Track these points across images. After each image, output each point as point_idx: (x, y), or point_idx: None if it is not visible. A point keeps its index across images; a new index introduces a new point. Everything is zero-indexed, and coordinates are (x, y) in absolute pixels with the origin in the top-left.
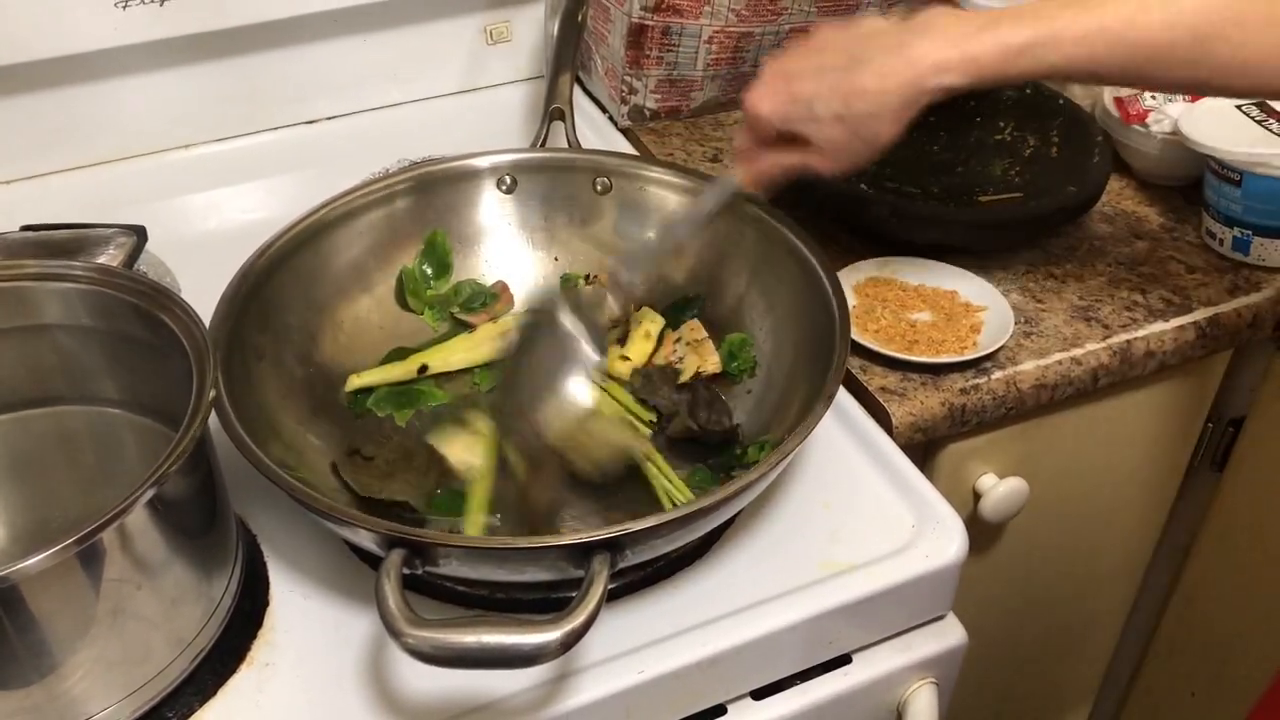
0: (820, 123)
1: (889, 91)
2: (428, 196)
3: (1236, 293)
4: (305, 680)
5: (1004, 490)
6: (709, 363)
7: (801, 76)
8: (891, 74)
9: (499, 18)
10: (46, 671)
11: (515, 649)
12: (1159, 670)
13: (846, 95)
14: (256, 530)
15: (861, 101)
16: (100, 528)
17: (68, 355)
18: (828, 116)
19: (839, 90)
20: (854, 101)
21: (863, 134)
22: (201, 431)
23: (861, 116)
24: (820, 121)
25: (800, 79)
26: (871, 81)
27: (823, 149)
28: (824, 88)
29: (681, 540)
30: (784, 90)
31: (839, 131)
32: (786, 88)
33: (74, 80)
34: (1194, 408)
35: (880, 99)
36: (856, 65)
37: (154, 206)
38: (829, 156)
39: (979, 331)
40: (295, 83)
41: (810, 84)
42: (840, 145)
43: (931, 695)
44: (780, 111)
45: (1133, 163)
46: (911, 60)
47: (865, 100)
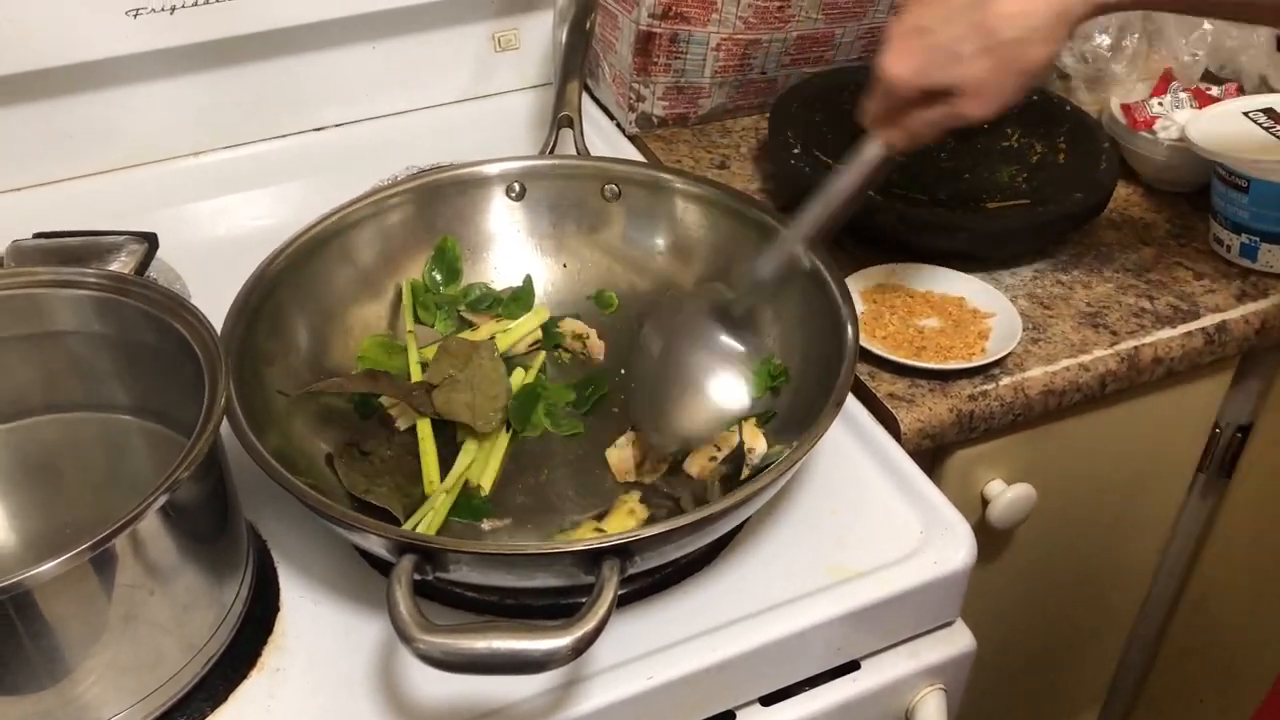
0: (967, 64)
1: (1037, 11)
2: (436, 204)
3: (1244, 299)
4: (316, 686)
5: (1012, 496)
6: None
7: (932, 28)
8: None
9: (507, 25)
10: (60, 677)
11: (526, 654)
12: (1167, 676)
13: (990, 25)
14: (267, 536)
15: (1009, 25)
16: (113, 534)
17: (80, 362)
18: (973, 53)
19: (980, 24)
20: (1000, 28)
21: (1015, 63)
22: (213, 438)
23: (1011, 43)
24: (966, 63)
25: (932, 30)
26: (1013, 6)
27: (973, 92)
28: (960, 29)
29: (691, 546)
30: (919, 45)
31: (988, 66)
32: (921, 42)
33: (85, 88)
34: (1201, 414)
35: (1028, 19)
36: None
37: (164, 213)
38: (981, 98)
39: (987, 338)
40: (304, 90)
41: (946, 29)
42: (991, 82)
43: (940, 701)
44: (921, 66)
45: (1140, 169)
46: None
47: (1013, 23)
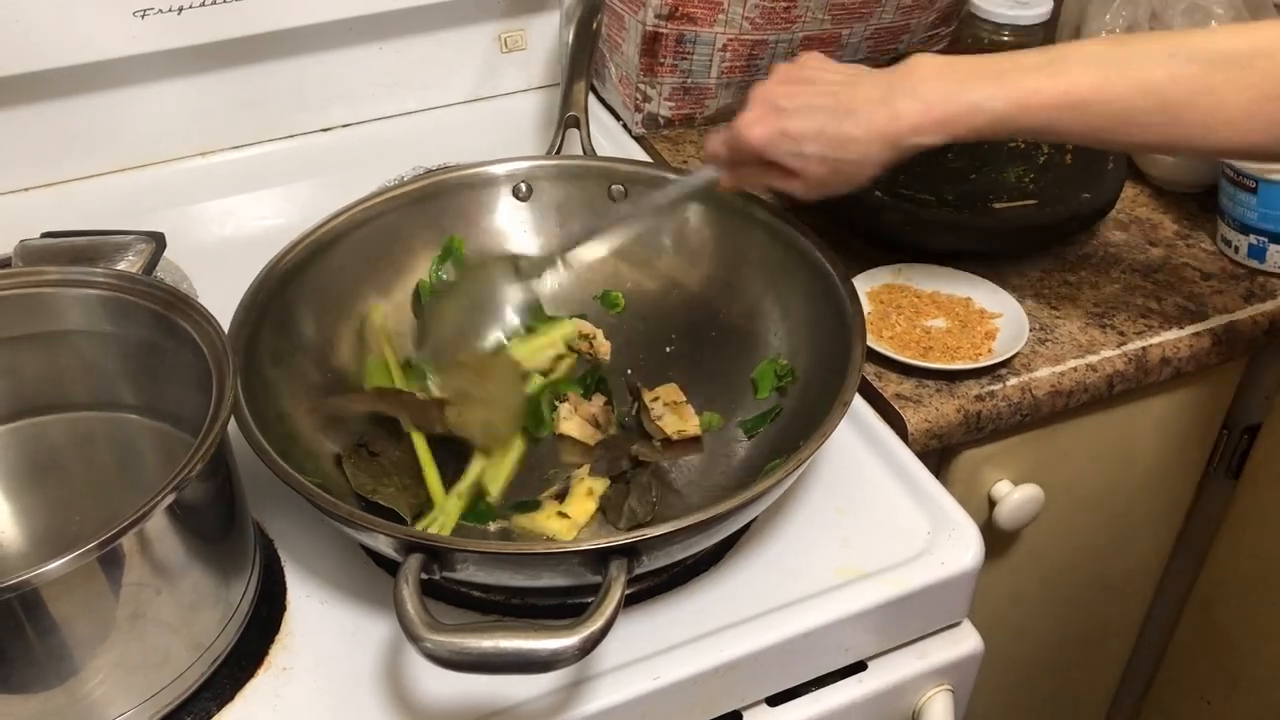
0: (806, 160)
1: (872, 142)
2: (443, 204)
3: (1252, 300)
4: (322, 685)
5: (1019, 497)
6: (689, 425)
7: (792, 113)
8: (875, 128)
9: (514, 26)
10: (67, 675)
11: (533, 654)
12: (1174, 677)
13: (834, 141)
14: (274, 535)
15: (848, 149)
16: (121, 533)
17: (87, 361)
18: (814, 156)
19: (827, 135)
20: (840, 148)
21: (844, 175)
22: (221, 437)
23: (847, 162)
24: (807, 159)
25: (791, 116)
26: (858, 132)
27: (806, 180)
28: (812, 128)
29: (697, 546)
30: (775, 124)
31: (823, 169)
32: (778, 122)
33: (93, 88)
34: (1209, 415)
35: (864, 149)
36: (845, 114)
37: (171, 213)
38: (809, 187)
39: (994, 338)
40: (311, 91)
41: (800, 122)
42: (821, 180)
43: (947, 702)
44: (770, 142)
45: (1147, 170)
46: (894, 117)
47: (851, 149)
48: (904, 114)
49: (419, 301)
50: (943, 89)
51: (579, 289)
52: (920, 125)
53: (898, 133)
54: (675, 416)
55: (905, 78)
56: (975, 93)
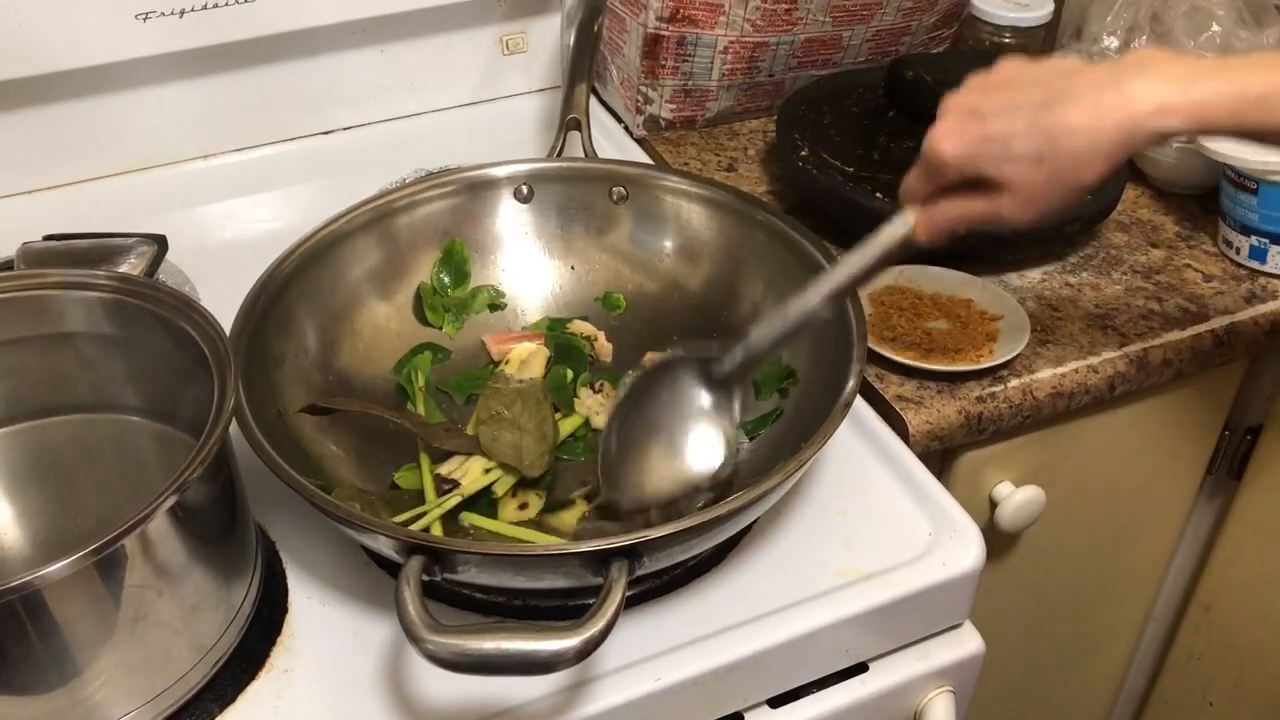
0: (1017, 164)
1: (1103, 130)
2: (445, 206)
3: (1254, 301)
4: (324, 687)
5: (1021, 499)
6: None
7: (993, 114)
8: (1107, 111)
9: (515, 29)
10: (69, 677)
11: (534, 655)
12: (1176, 679)
13: (1052, 133)
14: (275, 537)
15: (1071, 140)
16: (122, 534)
17: (89, 363)
18: (1027, 157)
19: (1042, 127)
20: (1062, 140)
21: (1066, 177)
22: (222, 439)
23: (1068, 157)
24: (1017, 162)
25: (992, 117)
26: (1083, 118)
27: (1016, 194)
28: (1022, 125)
29: (699, 548)
30: (974, 129)
31: (1039, 174)
32: (978, 126)
33: (94, 91)
34: (1211, 416)
35: (1092, 138)
36: (1061, 101)
37: (173, 216)
38: (1023, 203)
39: (995, 340)
40: (313, 93)
41: (1005, 122)
42: (1038, 190)
43: (948, 704)
44: (970, 152)
45: (1148, 171)
46: (1130, 98)
47: (1075, 139)
48: (1145, 95)
49: (420, 305)
50: (1192, 69)
51: (581, 291)
52: (1168, 104)
53: (1138, 115)
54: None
55: (1137, 62)
56: (1234, 73)
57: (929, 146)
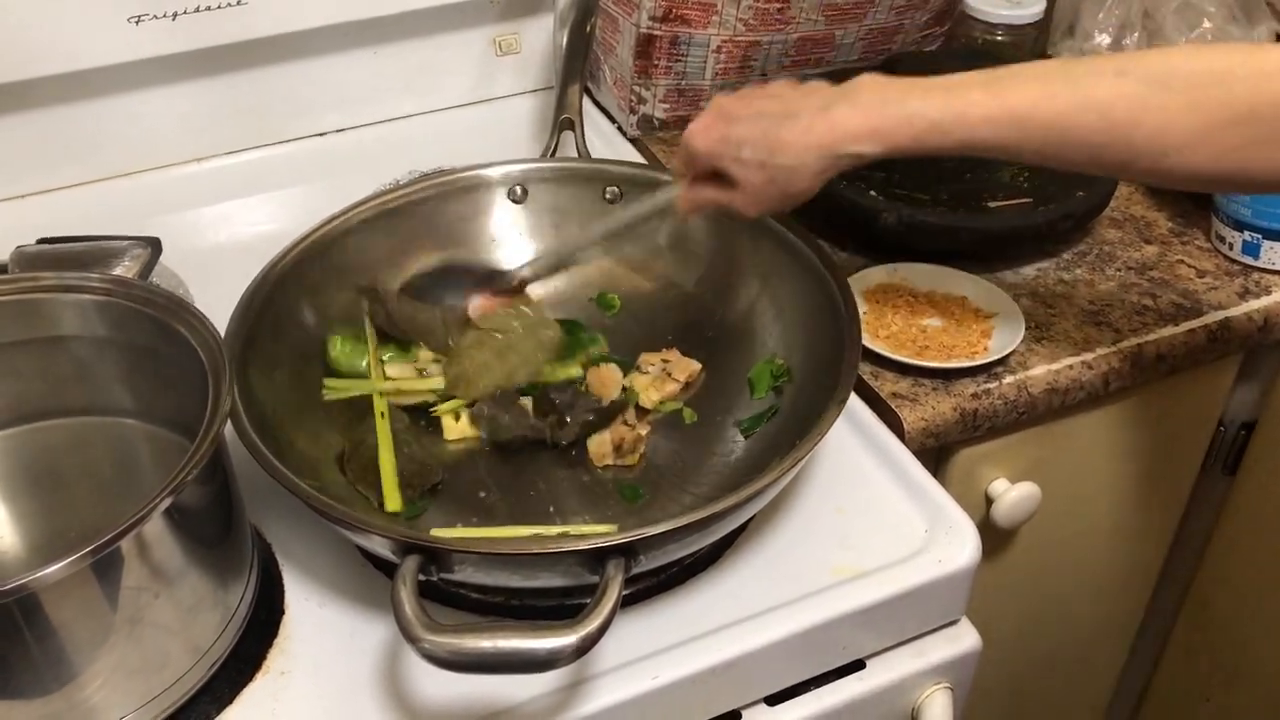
0: (745, 166)
1: (809, 149)
2: (439, 207)
3: (1247, 296)
4: (321, 688)
5: (1016, 495)
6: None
7: (739, 120)
8: (812, 134)
9: (508, 30)
10: (66, 680)
11: (531, 654)
12: (1173, 675)
13: (771, 145)
14: (271, 539)
15: (783, 154)
16: (118, 536)
17: (84, 366)
18: (752, 162)
19: (766, 139)
20: (776, 152)
21: (780, 184)
22: (217, 441)
23: (781, 168)
24: (745, 165)
25: (737, 122)
26: (794, 137)
27: (744, 191)
28: (754, 133)
29: (695, 545)
30: (720, 129)
31: (759, 178)
32: (723, 128)
33: (87, 95)
34: (1205, 411)
35: (799, 155)
36: (787, 119)
37: (167, 219)
38: (749, 200)
39: (989, 336)
40: (306, 96)
41: (743, 128)
42: (759, 190)
43: (946, 700)
44: (712, 149)
45: None
46: (831, 125)
47: (786, 154)
48: (841, 121)
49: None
50: (881, 97)
51: (575, 291)
52: (856, 133)
53: (834, 140)
54: (653, 388)
55: (849, 89)
56: (913, 103)
57: (685, 136)
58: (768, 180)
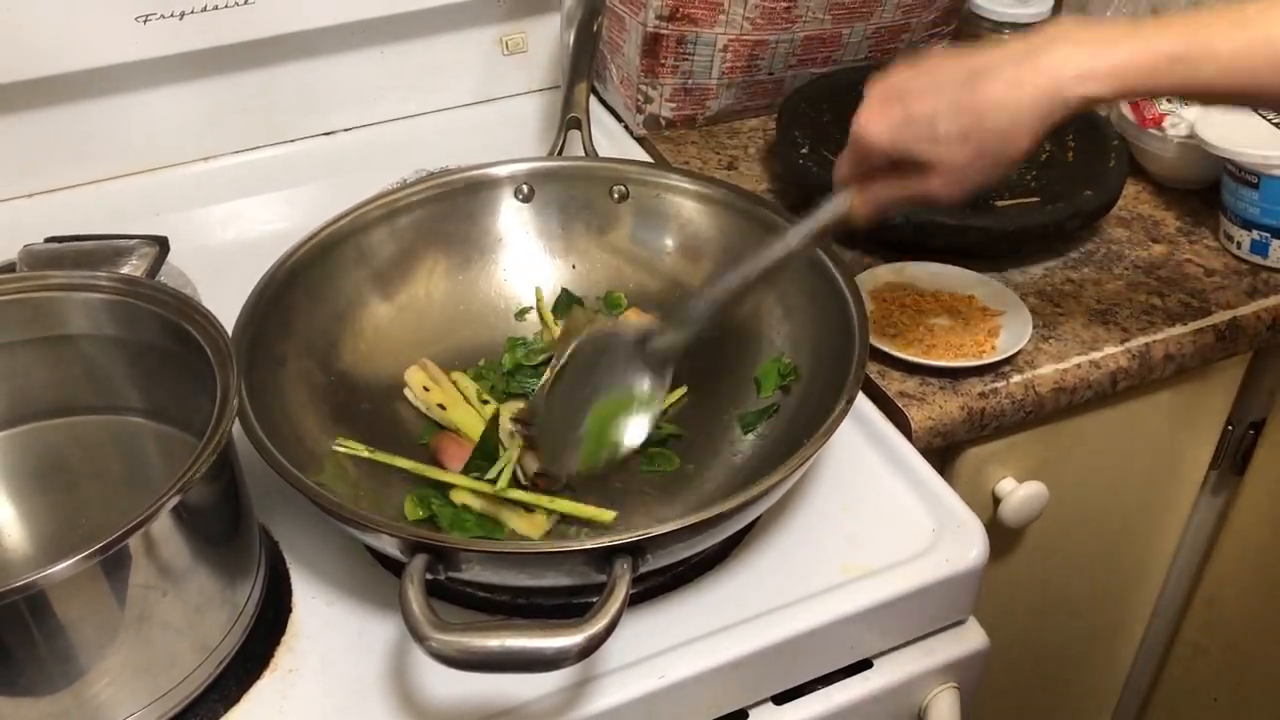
0: (943, 143)
1: (1024, 101)
2: (446, 206)
3: (1255, 295)
4: (328, 686)
5: (1023, 494)
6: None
7: (918, 94)
8: (1027, 82)
9: (515, 29)
10: (74, 678)
11: (538, 653)
12: (1181, 675)
13: (975, 108)
14: (279, 537)
15: (994, 114)
16: (126, 534)
17: (92, 365)
18: (952, 135)
19: (965, 104)
20: (985, 115)
21: (992, 152)
22: (225, 439)
23: (992, 131)
24: (943, 141)
25: (917, 97)
26: (1003, 91)
27: (944, 173)
28: (945, 104)
29: (703, 544)
30: (898, 111)
31: (965, 151)
32: (902, 109)
33: (95, 94)
34: (1214, 411)
35: (1015, 110)
36: (982, 77)
37: (174, 218)
38: (951, 181)
39: (997, 336)
40: (313, 95)
41: (928, 102)
42: (965, 167)
43: (953, 700)
44: (896, 134)
45: (1149, 166)
46: (1048, 68)
47: (998, 113)
48: (1062, 63)
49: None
50: (1108, 35)
51: (582, 290)
52: (1086, 70)
53: (1058, 84)
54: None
55: (1051, 34)
56: (1148, 36)
57: (856, 130)
58: (975, 153)
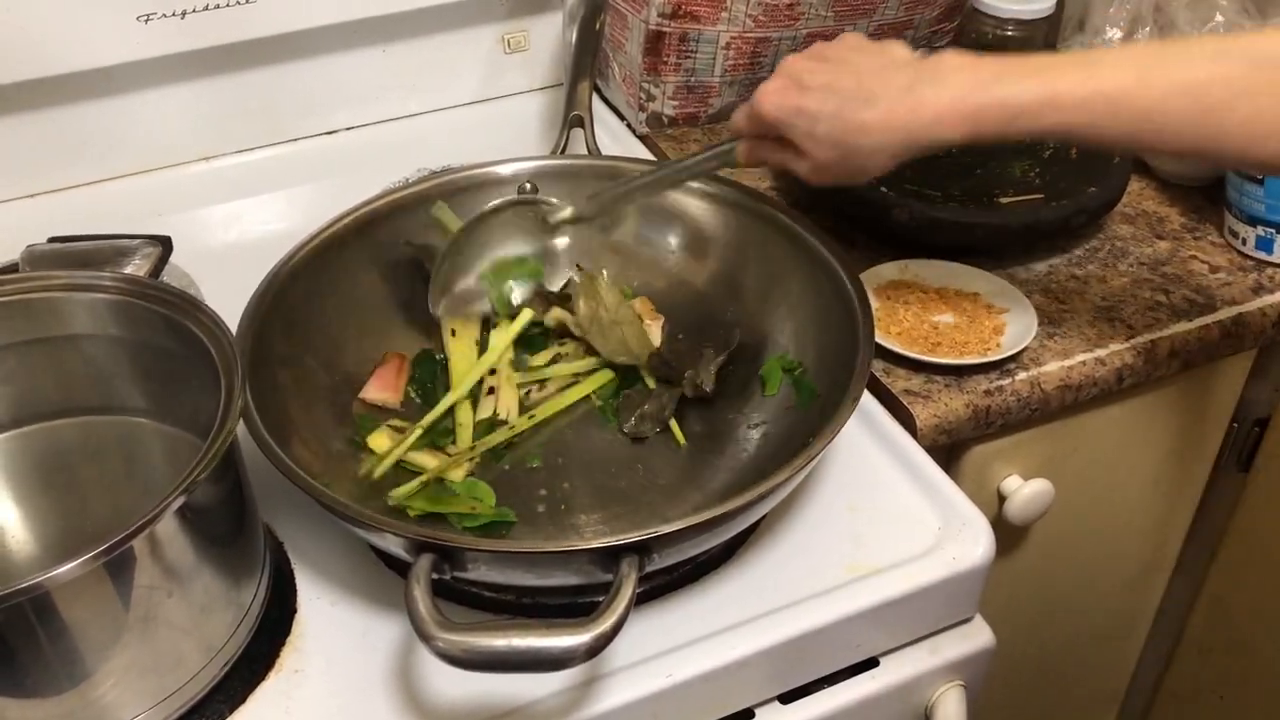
0: (817, 142)
1: (889, 133)
2: (449, 204)
3: (1260, 292)
4: (334, 687)
5: (1029, 492)
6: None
7: (812, 90)
8: (895, 118)
9: (516, 27)
10: (80, 679)
11: (545, 652)
12: (1187, 672)
13: (848, 127)
14: (284, 538)
15: (861, 137)
16: (131, 535)
17: (96, 365)
18: (827, 139)
19: (843, 119)
20: (854, 135)
21: (853, 164)
22: (229, 439)
23: (857, 150)
24: (817, 141)
25: (810, 93)
26: (875, 120)
27: (812, 163)
28: (828, 110)
29: (709, 543)
30: (793, 98)
31: (832, 155)
32: (796, 98)
33: (97, 94)
34: (1219, 408)
35: (879, 139)
36: (866, 100)
37: (176, 218)
38: (816, 171)
39: (1002, 333)
40: (315, 94)
41: (818, 101)
42: (828, 166)
43: (960, 698)
44: (783, 119)
45: (1153, 163)
46: (916, 108)
47: (865, 137)
48: (927, 104)
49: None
50: (971, 80)
51: None
52: (943, 117)
53: (918, 125)
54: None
55: (933, 69)
56: (1005, 86)
57: (756, 98)
58: (839, 158)
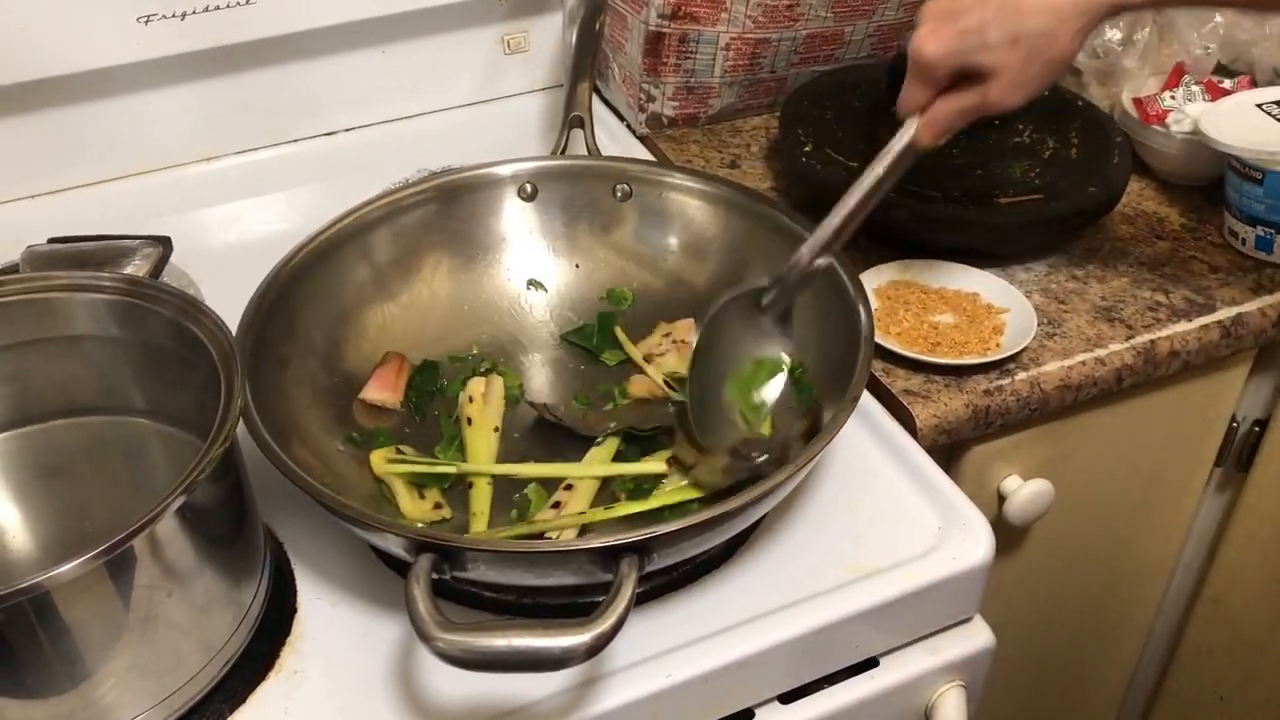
0: (995, 49)
1: (1063, 2)
2: (449, 205)
3: (1260, 292)
4: (334, 687)
5: (1029, 492)
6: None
7: (965, 10)
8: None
9: (516, 28)
10: (80, 679)
11: (545, 652)
12: (1186, 673)
13: (1020, 13)
14: (284, 538)
15: (1037, 17)
16: (131, 535)
17: (96, 366)
18: (1003, 41)
19: (1008, 11)
20: (1029, 18)
21: (1041, 54)
22: (229, 440)
23: (1038, 33)
24: (995, 48)
25: (964, 13)
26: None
27: (1000, 79)
28: (991, 13)
29: (708, 543)
30: (950, 27)
31: (1016, 55)
32: (953, 24)
33: (97, 95)
34: (1218, 408)
35: (1054, 14)
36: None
37: (176, 219)
38: (1008, 86)
39: (1001, 333)
40: (315, 95)
41: (976, 14)
42: (1018, 71)
43: (960, 698)
44: (951, 48)
45: (1153, 163)
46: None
47: (1041, 15)
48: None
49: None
50: None
51: (585, 289)
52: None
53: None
54: (677, 356)
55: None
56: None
57: (914, 51)
58: (1026, 55)
